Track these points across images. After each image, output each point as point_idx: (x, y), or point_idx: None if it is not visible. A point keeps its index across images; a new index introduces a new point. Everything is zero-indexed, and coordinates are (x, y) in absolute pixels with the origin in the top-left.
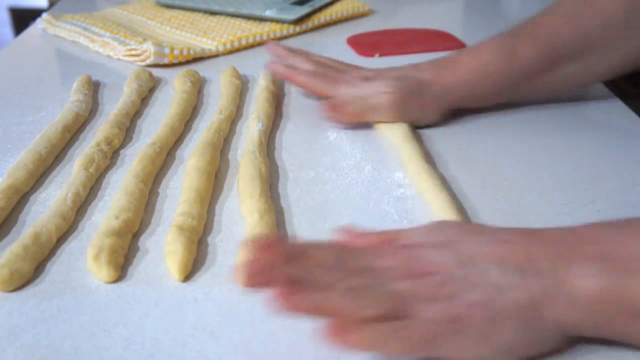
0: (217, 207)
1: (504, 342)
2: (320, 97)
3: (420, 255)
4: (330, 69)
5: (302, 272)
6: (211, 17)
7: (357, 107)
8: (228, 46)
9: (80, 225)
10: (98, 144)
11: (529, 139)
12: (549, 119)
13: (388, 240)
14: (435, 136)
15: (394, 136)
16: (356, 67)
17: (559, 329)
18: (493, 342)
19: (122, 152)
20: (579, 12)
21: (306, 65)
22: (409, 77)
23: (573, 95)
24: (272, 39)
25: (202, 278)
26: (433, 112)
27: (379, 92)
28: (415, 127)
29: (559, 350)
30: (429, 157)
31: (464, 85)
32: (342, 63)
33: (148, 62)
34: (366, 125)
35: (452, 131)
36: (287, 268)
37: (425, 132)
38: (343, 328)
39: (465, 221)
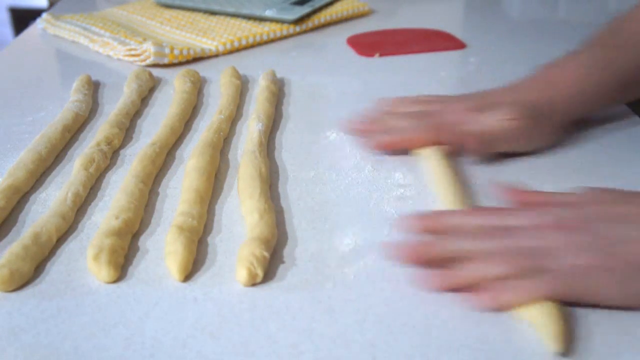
0: (217, 207)
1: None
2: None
3: (557, 213)
4: (427, 115)
5: (448, 247)
6: (211, 17)
7: (481, 140)
8: (228, 46)
9: (80, 225)
10: (98, 144)
11: None
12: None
13: (536, 201)
14: None
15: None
16: (447, 101)
17: None
18: (634, 287)
19: (122, 152)
20: None
21: (403, 124)
22: (519, 101)
23: None
24: (272, 39)
25: (202, 278)
26: (553, 133)
27: (498, 121)
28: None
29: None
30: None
31: (573, 101)
32: (426, 101)
33: (148, 62)
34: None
35: None
36: (434, 246)
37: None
38: (489, 293)
39: (599, 188)
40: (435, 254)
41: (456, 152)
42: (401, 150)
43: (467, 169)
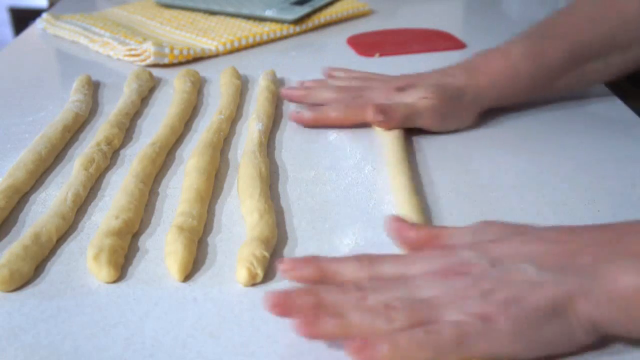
0: (217, 207)
1: (536, 338)
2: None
3: (454, 257)
4: (356, 90)
5: (326, 295)
6: (211, 17)
7: (405, 112)
8: (228, 46)
9: (80, 225)
10: (98, 144)
11: (528, 138)
12: (548, 119)
13: (428, 237)
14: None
15: (384, 138)
16: (380, 79)
17: (593, 325)
18: (525, 338)
19: (122, 152)
20: (600, 12)
21: (329, 96)
22: (445, 84)
23: (573, 95)
24: (272, 39)
25: (202, 278)
26: (469, 116)
27: (420, 99)
28: (450, 132)
29: (590, 347)
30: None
31: (496, 88)
32: (362, 77)
33: (148, 62)
34: (366, 125)
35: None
36: (311, 294)
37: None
38: (368, 344)
39: (504, 222)
40: (312, 303)
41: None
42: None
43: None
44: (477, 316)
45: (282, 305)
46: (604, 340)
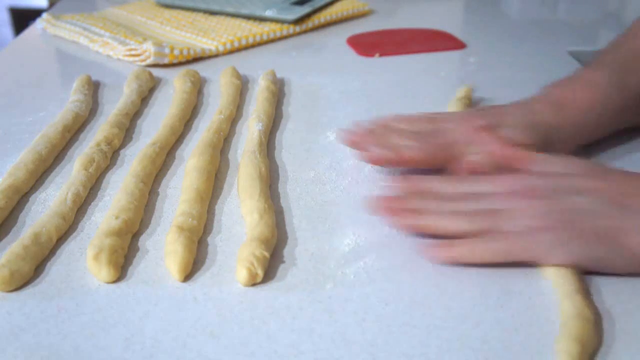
0: (217, 207)
1: (585, 255)
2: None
3: (526, 181)
4: (430, 134)
5: (417, 204)
6: (211, 17)
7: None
8: (228, 46)
9: (80, 225)
10: (98, 144)
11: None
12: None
13: (512, 159)
14: None
15: None
16: (452, 117)
17: (636, 258)
18: (575, 252)
19: (122, 152)
20: None
21: (400, 140)
22: (535, 123)
23: None
24: (272, 39)
25: (202, 278)
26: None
27: (515, 144)
28: None
29: (628, 274)
30: None
31: (586, 125)
32: (430, 119)
33: (148, 62)
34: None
35: None
36: (407, 200)
37: None
38: (439, 245)
39: (577, 159)
40: (404, 207)
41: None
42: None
43: None
44: (542, 229)
45: (391, 207)
46: None
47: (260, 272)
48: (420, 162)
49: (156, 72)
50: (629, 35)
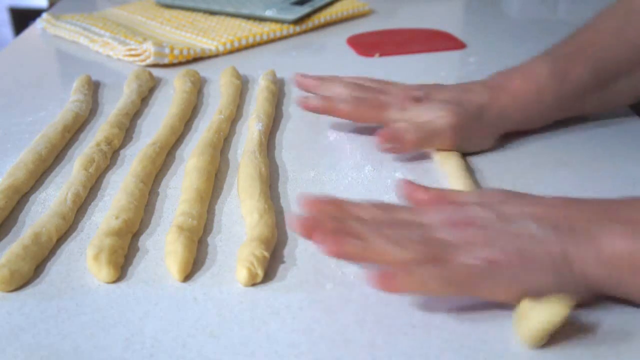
0: (217, 207)
1: (534, 288)
2: (364, 124)
3: (464, 210)
4: (371, 91)
5: (350, 223)
6: (211, 17)
7: (419, 135)
8: (228, 46)
9: (80, 225)
10: (98, 144)
11: (528, 139)
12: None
13: (438, 198)
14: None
15: (450, 167)
16: (397, 86)
17: (585, 282)
18: (524, 286)
19: (122, 152)
20: (624, 27)
21: (342, 91)
22: (465, 100)
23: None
24: (272, 39)
25: (202, 278)
26: (490, 137)
27: (437, 117)
28: (468, 154)
29: (582, 303)
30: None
31: (520, 109)
32: (379, 81)
33: (148, 62)
34: (366, 125)
35: None
36: (336, 220)
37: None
38: (386, 275)
39: (508, 190)
40: (339, 227)
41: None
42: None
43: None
44: (484, 260)
45: (310, 227)
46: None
47: (260, 272)
48: (350, 115)
49: (156, 72)
50: (583, 28)
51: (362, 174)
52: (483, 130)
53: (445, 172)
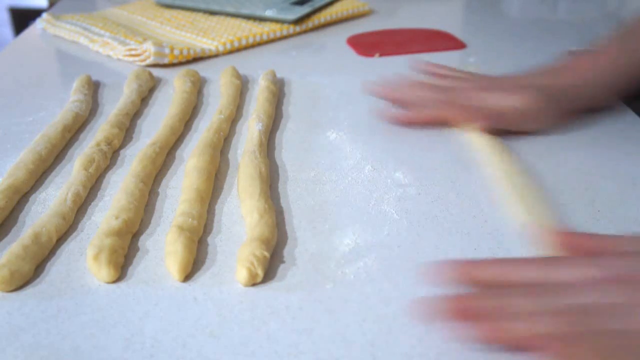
0: (217, 207)
1: None
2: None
3: (615, 264)
4: (445, 90)
5: (507, 299)
6: (211, 17)
7: (488, 113)
8: (228, 46)
9: (80, 225)
10: (98, 144)
11: (528, 139)
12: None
13: (591, 247)
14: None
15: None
16: (468, 78)
17: None
18: None
19: (122, 152)
20: None
21: (419, 94)
22: (531, 84)
23: None
24: (272, 39)
25: (202, 278)
26: (554, 117)
27: (504, 98)
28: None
29: None
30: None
31: (586, 87)
32: (452, 76)
33: (148, 62)
34: (366, 125)
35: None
36: (492, 298)
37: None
38: (560, 347)
39: None
40: (480, 309)
41: (465, 127)
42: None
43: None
44: (629, 330)
45: (465, 311)
46: None
47: (260, 272)
48: (436, 117)
49: (156, 72)
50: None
51: (362, 174)
52: (552, 110)
53: (479, 148)
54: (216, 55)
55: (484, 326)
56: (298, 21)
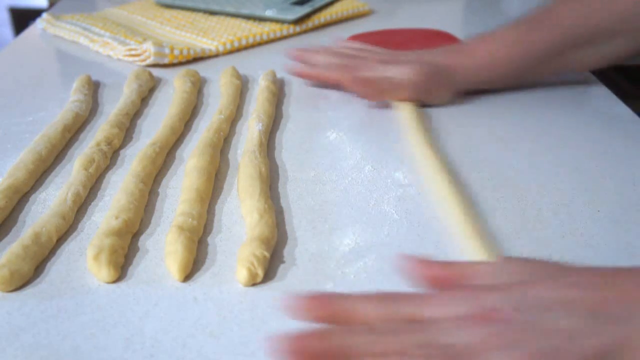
0: (217, 207)
1: None
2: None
3: (480, 299)
4: (347, 58)
5: (342, 338)
6: (211, 17)
7: (384, 85)
8: (228, 46)
9: (80, 225)
10: (98, 144)
11: (528, 139)
12: (548, 119)
13: (450, 278)
14: (443, 116)
15: (404, 112)
16: (371, 51)
17: None
18: None
19: (122, 152)
20: (590, 3)
21: (323, 59)
22: (428, 60)
23: (573, 95)
24: (272, 39)
25: (202, 278)
26: (447, 93)
27: (401, 72)
28: (426, 106)
29: None
30: (434, 141)
31: (478, 69)
32: (358, 47)
33: (148, 62)
34: (366, 125)
35: (459, 112)
36: (329, 338)
37: (434, 111)
38: None
39: (532, 260)
40: (325, 348)
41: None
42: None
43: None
44: None
45: (300, 353)
46: None
47: (260, 272)
48: (324, 79)
49: (156, 72)
50: (549, 4)
51: (362, 174)
52: (440, 86)
53: (401, 117)
54: (216, 55)
55: None
56: (298, 21)
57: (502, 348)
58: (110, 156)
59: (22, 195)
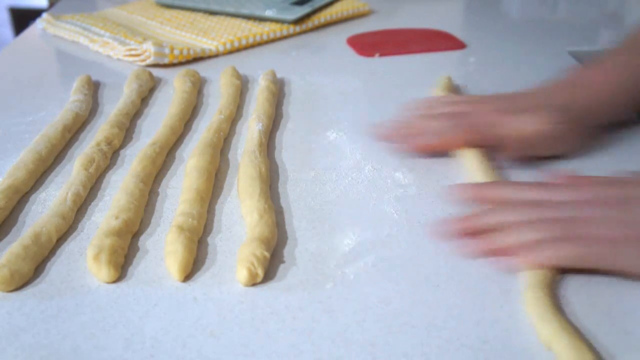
0: (217, 207)
1: None
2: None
3: (600, 189)
4: (460, 116)
5: (494, 219)
6: (211, 17)
7: (525, 142)
8: (228, 46)
9: (80, 225)
10: (98, 144)
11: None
12: None
13: (586, 181)
14: None
15: (473, 166)
16: (483, 101)
17: None
18: None
19: (122, 152)
20: None
21: (434, 124)
22: (547, 105)
23: None
24: (272, 39)
25: (202, 278)
26: (582, 138)
27: (533, 122)
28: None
29: None
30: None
31: (600, 106)
32: (462, 101)
33: (148, 62)
34: (366, 125)
35: None
36: (481, 219)
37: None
38: (519, 255)
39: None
40: (481, 225)
41: (490, 154)
42: (439, 152)
43: (503, 173)
44: (620, 236)
45: (465, 227)
46: None
47: (260, 272)
48: (459, 142)
49: (156, 72)
50: None
51: (362, 174)
52: (574, 131)
53: (468, 168)
54: (216, 55)
55: (479, 241)
56: (298, 21)
57: (608, 223)
58: (110, 156)
59: (22, 195)
